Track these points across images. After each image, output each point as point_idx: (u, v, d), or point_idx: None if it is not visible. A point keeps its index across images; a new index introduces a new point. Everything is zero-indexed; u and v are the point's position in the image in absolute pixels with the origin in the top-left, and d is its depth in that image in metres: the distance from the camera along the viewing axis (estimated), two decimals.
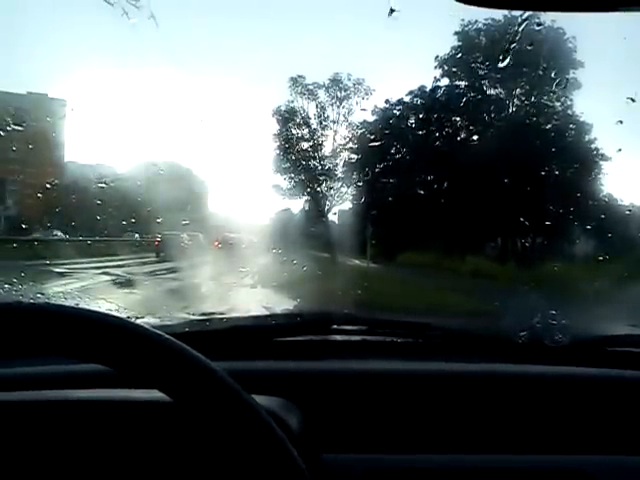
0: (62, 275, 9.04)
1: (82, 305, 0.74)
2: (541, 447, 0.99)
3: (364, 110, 16.18)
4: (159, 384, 0.57)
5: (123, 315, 1.05)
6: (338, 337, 1.26)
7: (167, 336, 0.57)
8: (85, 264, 10.65)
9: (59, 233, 14.54)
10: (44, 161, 18.29)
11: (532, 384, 1.07)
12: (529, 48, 14.91)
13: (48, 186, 16.60)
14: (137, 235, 15.81)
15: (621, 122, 3.86)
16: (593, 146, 16.57)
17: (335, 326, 1.27)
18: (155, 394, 0.58)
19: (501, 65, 15.45)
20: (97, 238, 14.51)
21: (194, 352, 0.57)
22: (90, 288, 7.84)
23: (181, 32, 20.85)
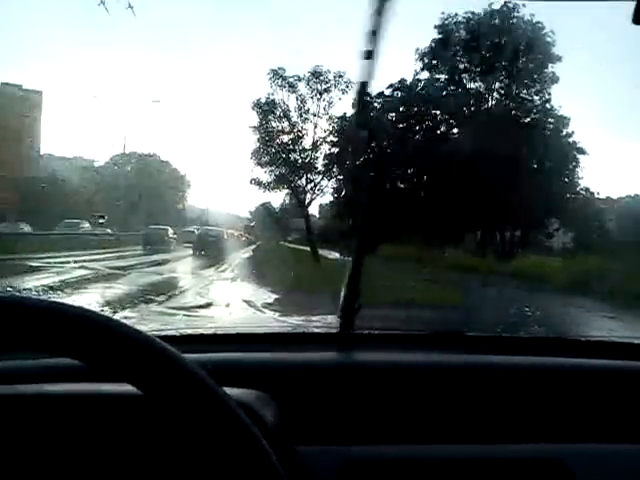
0: (38, 269, 8.87)
1: (55, 300, 0.72)
2: (518, 436, 1.00)
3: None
4: (128, 377, 0.56)
5: (97, 309, 1.03)
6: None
7: (135, 328, 0.56)
8: (61, 258, 10.48)
9: (26, 227, 14.24)
10: (18, 153, 17.90)
11: (508, 375, 1.08)
12: (508, 42, 15.02)
13: (20, 178, 16.28)
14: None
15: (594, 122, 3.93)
16: (571, 140, 16.82)
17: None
18: (126, 387, 0.57)
19: (480, 59, 15.54)
20: (71, 232, 14.18)
21: (163, 344, 0.56)
22: (67, 282, 7.71)
23: (160, 23, 20.59)
